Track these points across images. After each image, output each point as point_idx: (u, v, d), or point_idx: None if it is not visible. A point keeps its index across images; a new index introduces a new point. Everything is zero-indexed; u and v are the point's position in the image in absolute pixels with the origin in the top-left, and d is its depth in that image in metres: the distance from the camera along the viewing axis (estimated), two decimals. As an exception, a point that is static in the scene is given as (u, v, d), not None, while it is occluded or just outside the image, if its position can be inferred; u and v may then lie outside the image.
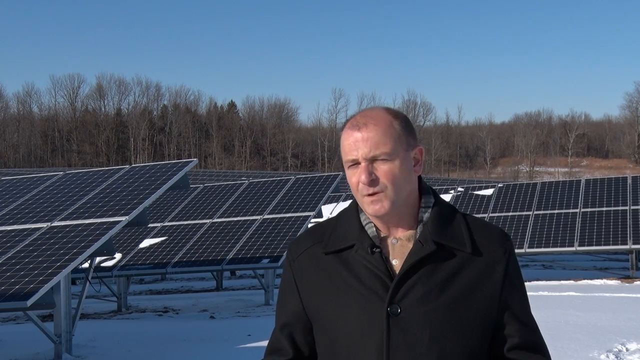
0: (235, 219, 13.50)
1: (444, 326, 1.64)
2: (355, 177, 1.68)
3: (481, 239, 1.72)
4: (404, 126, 1.72)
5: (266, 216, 13.27)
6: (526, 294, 1.77)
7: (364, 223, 1.74)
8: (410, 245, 1.69)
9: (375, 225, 1.73)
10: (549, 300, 11.03)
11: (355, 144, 1.67)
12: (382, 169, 1.66)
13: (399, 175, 1.67)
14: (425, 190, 1.76)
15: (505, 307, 1.71)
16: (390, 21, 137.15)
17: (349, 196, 22.97)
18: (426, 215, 1.73)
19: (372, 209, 1.67)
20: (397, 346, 1.63)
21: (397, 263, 1.69)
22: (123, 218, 8.11)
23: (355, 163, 1.68)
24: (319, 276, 1.74)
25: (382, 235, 1.72)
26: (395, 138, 1.68)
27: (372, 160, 1.67)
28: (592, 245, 14.76)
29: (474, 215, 1.86)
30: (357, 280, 1.68)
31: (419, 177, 1.76)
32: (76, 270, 9.73)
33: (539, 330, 1.76)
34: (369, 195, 1.67)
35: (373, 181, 1.66)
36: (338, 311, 1.69)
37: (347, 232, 1.74)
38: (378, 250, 1.69)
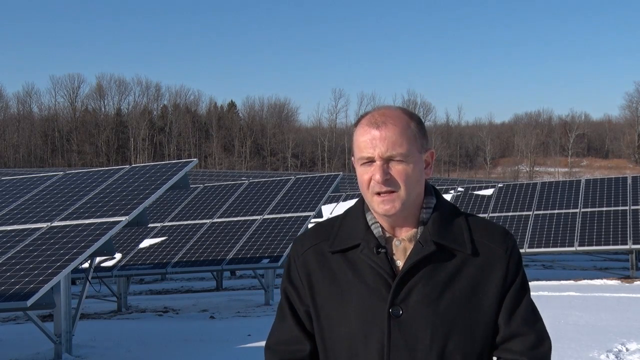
0: (235, 219, 13.49)
1: (445, 327, 1.64)
2: (368, 175, 1.67)
3: (481, 238, 1.72)
4: (419, 128, 1.72)
5: (266, 216, 13.26)
6: (528, 292, 1.74)
7: (370, 223, 1.73)
8: (412, 246, 1.69)
9: (381, 225, 1.73)
10: (549, 300, 11.02)
11: (372, 142, 1.66)
12: (397, 169, 1.66)
13: (412, 176, 1.68)
14: (428, 191, 1.76)
15: (504, 306, 1.70)
16: (390, 21, 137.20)
17: (349, 196, 22.95)
18: (427, 216, 1.72)
19: (382, 208, 1.67)
20: (398, 347, 1.63)
21: (400, 264, 1.69)
22: (123, 218, 8.11)
23: (370, 161, 1.67)
24: (324, 274, 1.73)
25: (387, 236, 1.72)
26: (411, 140, 1.69)
27: (388, 159, 1.66)
28: (592, 245, 14.76)
29: (476, 215, 1.84)
30: (361, 280, 1.68)
31: None
32: (76, 270, 9.72)
33: (538, 327, 1.71)
34: (380, 194, 1.66)
35: (387, 180, 1.65)
36: (341, 310, 1.69)
37: (353, 232, 1.73)
38: (383, 250, 1.69)
